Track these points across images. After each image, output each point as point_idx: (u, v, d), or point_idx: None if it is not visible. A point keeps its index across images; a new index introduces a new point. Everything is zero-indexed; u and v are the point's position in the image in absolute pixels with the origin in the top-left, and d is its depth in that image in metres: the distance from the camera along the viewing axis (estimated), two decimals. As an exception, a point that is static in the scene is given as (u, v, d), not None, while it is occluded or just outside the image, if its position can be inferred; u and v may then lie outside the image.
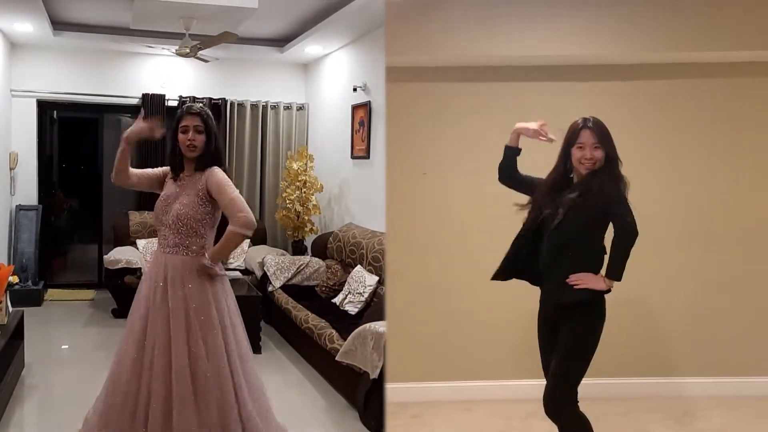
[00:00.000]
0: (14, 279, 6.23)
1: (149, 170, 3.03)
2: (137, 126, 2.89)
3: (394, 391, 3.51)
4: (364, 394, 3.66)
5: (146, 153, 7.18)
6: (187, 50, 5.61)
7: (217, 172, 2.83)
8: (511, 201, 3.60)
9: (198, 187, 2.81)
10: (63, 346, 5.26)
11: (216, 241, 2.87)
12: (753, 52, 3.59)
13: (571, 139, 2.51)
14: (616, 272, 2.45)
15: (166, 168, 2.98)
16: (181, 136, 2.84)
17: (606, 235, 2.54)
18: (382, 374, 3.45)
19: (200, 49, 5.64)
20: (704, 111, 3.79)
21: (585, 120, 2.51)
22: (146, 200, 7.13)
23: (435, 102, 3.75)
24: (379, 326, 3.57)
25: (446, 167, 3.77)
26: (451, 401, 3.70)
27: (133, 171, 2.97)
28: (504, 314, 3.72)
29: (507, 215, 3.59)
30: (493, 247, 3.69)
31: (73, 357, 5.11)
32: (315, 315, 4.71)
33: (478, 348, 3.79)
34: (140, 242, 6.57)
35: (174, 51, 5.86)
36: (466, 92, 3.74)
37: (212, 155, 2.86)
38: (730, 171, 3.81)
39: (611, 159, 2.48)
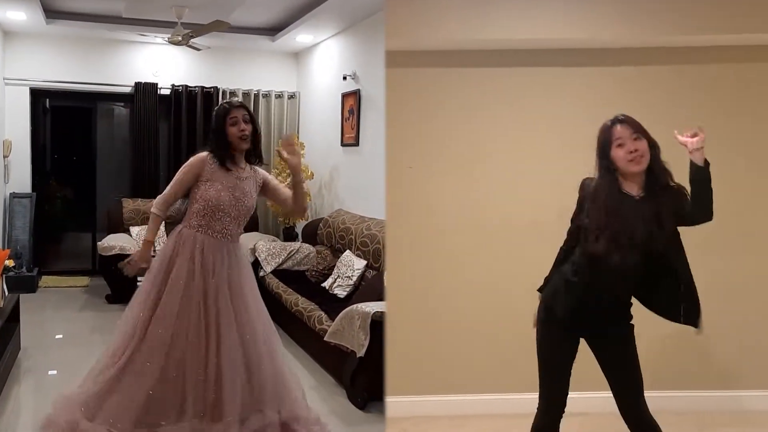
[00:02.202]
0: (10, 263, 6.31)
1: (181, 182, 2.99)
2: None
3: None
4: (351, 372, 3.77)
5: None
6: (179, 38, 5.68)
7: (261, 170, 3.15)
8: (510, 197, 3.54)
9: (257, 182, 3.07)
10: (57, 336, 5.33)
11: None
12: None
13: (606, 140, 2.32)
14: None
15: (199, 161, 2.96)
16: (232, 129, 2.92)
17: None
18: (368, 353, 3.56)
19: (192, 37, 5.70)
20: (717, 100, 3.54)
21: (614, 118, 2.35)
22: (139, 188, 7.22)
23: (433, 89, 3.59)
24: (365, 306, 3.68)
25: (445, 159, 3.61)
26: (441, 416, 3.55)
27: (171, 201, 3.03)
28: (496, 322, 3.55)
29: (507, 214, 3.54)
30: (485, 248, 3.55)
31: (68, 341, 5.16)
32: (305, 298, 4.82)
33: (469, 359, 3.61)
34: (134, 229, 6.64)
35: (166, 39, 5.92)
36: (466, 78, 3.57)
37: (258, 147, 3.05)
38: (747, 167, 3.55)
39: (654, 148, 2.31)
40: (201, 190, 2.94)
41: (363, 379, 3.71)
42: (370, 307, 3.64)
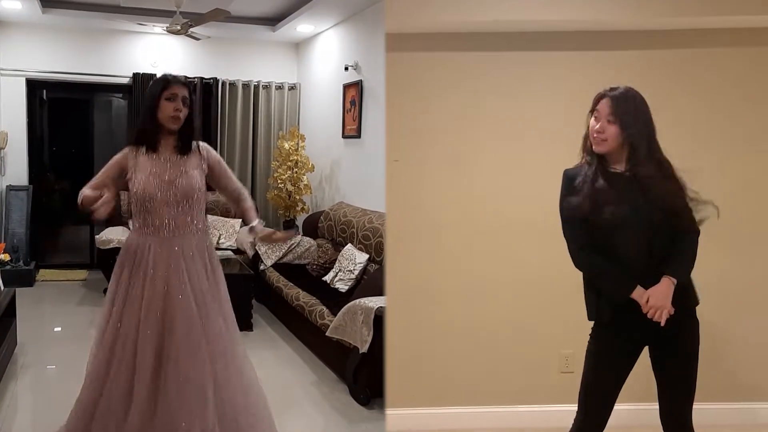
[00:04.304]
0: (5, 257, 6.24)
1: (109, 174, 2.67)
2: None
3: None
4: (354, 368, 3.70)
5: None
6: (178, 27, 5.58)
7: (211, 149, 2.79)
8: (512, 190, 3.34)
9: (198, 162, 2.68)
10: (56, 329, 5.28)
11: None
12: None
13: (593, 106, 2.17)
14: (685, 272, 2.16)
15: (121, 155, 2.69)
16: (166, 104, 2.57)
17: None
18: (371, 349, 3.48)
19: (191, 26, 5.61)
20: (730, 87, 3.32)
21: (611, 88, 2.16)
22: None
23: (436, 75, 3.39)
24: (368, 301, 3.60)
25: (446, 150, 3.40)
26: (441, 430, 3.37)
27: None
28: (500, 328, 3.37)
29: (509, 209, 3.33)
30: (486, 249, 3.32)
31: (66, 336, 5.12)
32: (306, 293, 4.74)
33: (471, 368, 3.41)
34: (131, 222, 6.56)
35: (165, 29, 5.83)
36: (468, 63, 3.38)
37: (193, 130, 2.69)
38: (761, 158, 3.34)
39: (634, 138, 2.11)
40: (130, 186, 2.62)
41: (366, 376, 3.65)
42: (373, 302, 3.57)
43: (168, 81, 2.61)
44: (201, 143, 2.76)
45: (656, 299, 2.09)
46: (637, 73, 3.27)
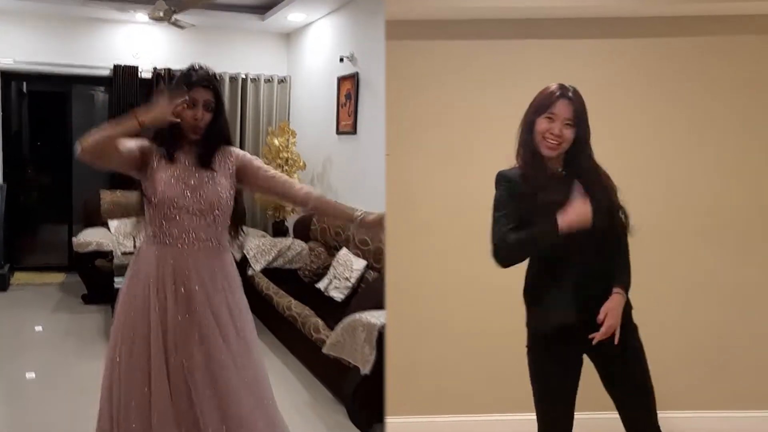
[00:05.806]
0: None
1: (128, 145, 2.27)
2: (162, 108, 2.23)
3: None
4: (354, 388, 3.36)
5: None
6: (161, 14, 5.23)
7: (240, 150, 2.47)
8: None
9: (228, 170, 2.38)
10: (36, 329, 5.01)
11: None
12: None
13: (541, 106, 2.07)
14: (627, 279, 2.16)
15: (143, 142, 2.31)
16: (186, 112, 2.27)
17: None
18: (374, 368, 3.15)
19: (174, 13, 5.25)
20: (732, 79, 3.17)
21: (564, 88, 2.08)
22: (118, 179, 6.75)
23: (440, 65, 3.22)
24: (370, 317, 3.27)
25: (448, 145, 3.22)
26: None
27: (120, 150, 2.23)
28: (499, 331, 3.08)
29: None
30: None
31: (40, 342, 4.81)
32: (298, 302, 4.40)
33: (470, 373, 3.25)
34: (112, 223, 6.21)
35: (147, 15, 5.47)
36: (471, 52, 3.21)
37: (219, 136, 2.37)
38: (756, 156, 3.20)
39: (582, 141, 2.08)
40: (149, 183, 2.29)
41: (366, 396, 3.31)
42: (376, 317, 3.23)
43: (189, 82, 2.28)
44: (233, 148, 2.44)
45: (613, 317, 2.05)
46: (637, 62, 3.20)
